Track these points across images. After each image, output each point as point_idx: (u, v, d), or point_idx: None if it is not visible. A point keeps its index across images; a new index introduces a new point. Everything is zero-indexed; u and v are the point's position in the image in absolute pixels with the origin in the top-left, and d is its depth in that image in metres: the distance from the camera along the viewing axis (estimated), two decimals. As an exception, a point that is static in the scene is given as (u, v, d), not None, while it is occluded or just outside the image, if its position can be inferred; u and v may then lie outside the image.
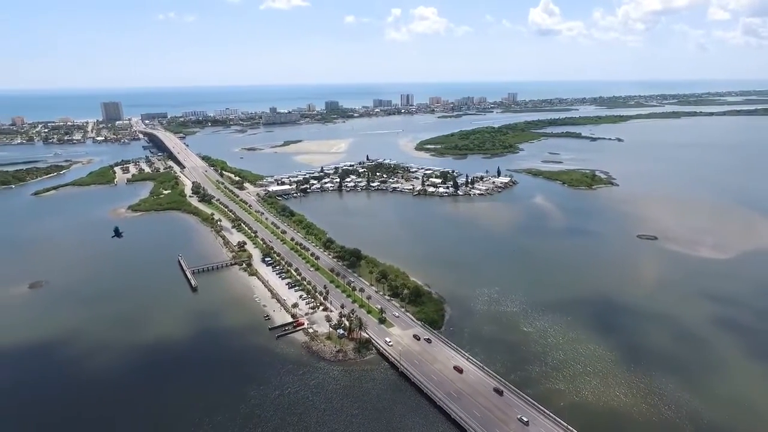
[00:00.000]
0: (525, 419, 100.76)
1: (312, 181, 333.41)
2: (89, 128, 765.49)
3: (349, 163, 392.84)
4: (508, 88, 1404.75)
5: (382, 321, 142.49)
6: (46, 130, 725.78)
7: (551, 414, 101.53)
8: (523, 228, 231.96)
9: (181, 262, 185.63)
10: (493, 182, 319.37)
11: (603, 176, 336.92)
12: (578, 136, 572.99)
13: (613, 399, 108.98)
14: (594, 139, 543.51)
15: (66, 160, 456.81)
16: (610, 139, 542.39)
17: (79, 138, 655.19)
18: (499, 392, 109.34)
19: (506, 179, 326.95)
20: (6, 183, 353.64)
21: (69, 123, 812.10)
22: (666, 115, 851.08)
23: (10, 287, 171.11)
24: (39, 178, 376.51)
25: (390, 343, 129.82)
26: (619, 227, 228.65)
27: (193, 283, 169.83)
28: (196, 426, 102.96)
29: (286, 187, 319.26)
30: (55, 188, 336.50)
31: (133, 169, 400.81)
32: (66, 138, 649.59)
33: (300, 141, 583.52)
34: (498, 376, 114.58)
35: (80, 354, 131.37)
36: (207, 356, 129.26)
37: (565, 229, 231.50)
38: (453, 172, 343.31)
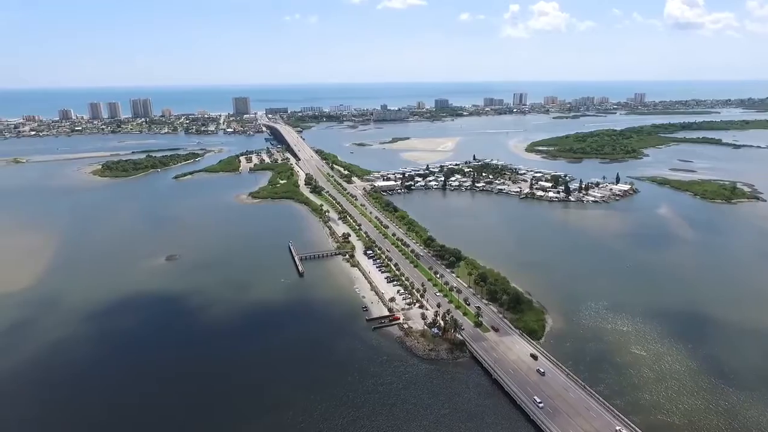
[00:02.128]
0: None
1: (417, 179, 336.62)
2: (221, 120, 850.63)
3: (455, 162, 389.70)
4: (635, 88, 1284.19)
5: (478, 324, 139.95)
6: (187, 122, 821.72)
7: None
8: (641, 241, 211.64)
9: (291, 248, 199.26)
10: (611, 189, 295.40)
11: (746, 189, 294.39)
12: (718, 142, 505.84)
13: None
14: (737, 147, 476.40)
15: (201, 149, 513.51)
16: (758, 146, 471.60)
17: (213, 129, 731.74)
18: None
19: (626, 187, 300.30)
20: (154, 167, 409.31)
21: (206, 115, 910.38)
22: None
23: (151, 259, 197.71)
24: (179, 164, 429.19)
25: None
26: (762, 249, 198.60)
27: (300, 268, 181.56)
28: (289, 399, 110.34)
29: (392, 183, 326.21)
30: (191, 173, 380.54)
31: (255, 159, 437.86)
32: (202, 129, 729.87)
33: (408, 138, 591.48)
34: (600, 397, 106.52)
35: (199, 318, 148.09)
36: (307, 338, 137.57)
37: (692, 246, 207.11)
38: (565, 176, 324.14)
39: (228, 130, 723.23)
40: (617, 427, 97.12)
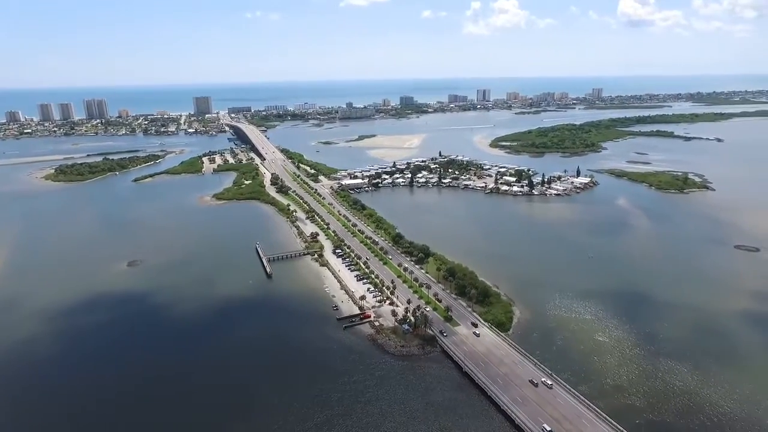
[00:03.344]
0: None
1: (384, 176, 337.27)
2: (182, 121, 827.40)
3: (421, 159, 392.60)
4: (593, 84, 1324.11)
5: (448, 319, 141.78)
6: (146, 122, 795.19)
7: (623, 430, 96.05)
8: (602, 232, 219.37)
9: (258, 249, 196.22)
10: (572, 182, 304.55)
11: (697, 179, 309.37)
12: (670, 135, 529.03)
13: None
14: (688, 139, 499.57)
15: (162, 150, 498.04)
16: (707, 139, 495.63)
17: (173, 130, 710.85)
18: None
19: (586, 180, 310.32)
20: (111, 170, 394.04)
21: (165, 116, 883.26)
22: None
23: (112, 265, 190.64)
24: (139, 166, 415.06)
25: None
26: (714, 236, 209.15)
27: (268, 270, 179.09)
28: (263, 402, 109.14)
29: (359, 181, 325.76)
30: (152, 176, 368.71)
31: (218, 160, 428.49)
32: (162, 129, 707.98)
33: (374, 136, 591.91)
34: (569, 386, 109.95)
35: (165, 323, 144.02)
36: (277, 339, 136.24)
37: (650, 235, 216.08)
38: (528, 170, 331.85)
39: (189, 130, 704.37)
40: (579, 408, 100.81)
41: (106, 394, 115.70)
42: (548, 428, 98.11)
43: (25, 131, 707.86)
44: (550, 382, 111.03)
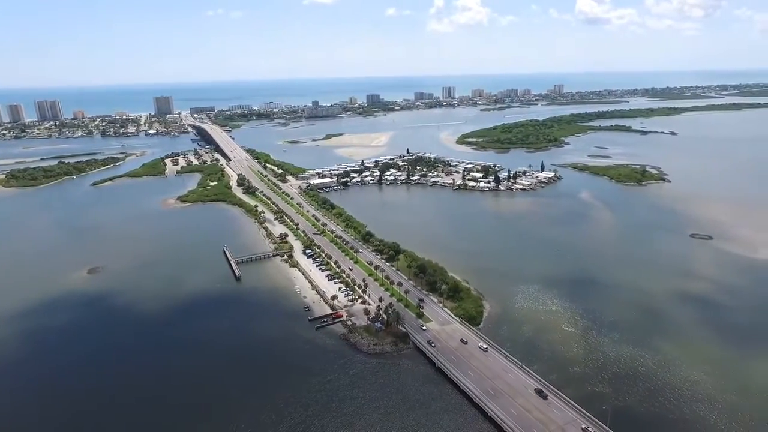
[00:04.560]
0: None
1: (352, 175, 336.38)
2: (142, 122, 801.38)
3: (389, 157, 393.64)
4: (554, 80, 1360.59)
5: (420, 315, 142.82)
6: (103, 124, 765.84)
7: (593, 417, 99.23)
8: (566, 225, 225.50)
9: (226, 252, 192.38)
10: (537, 177, 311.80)
11: (654, 172, 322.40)
12: (628, 129, 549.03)
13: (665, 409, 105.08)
14: (645, 133, 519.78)
15: (121, 153, 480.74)
16: (662, 132, 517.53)
17: (133, 131, 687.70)
18: (541, 394, 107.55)
19: (550, 174, 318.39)
20: (68, 174, 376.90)
21: (124, 117, 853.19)
22: (726, 107, 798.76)
23: (71, 272, 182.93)
24: (97, 170, 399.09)
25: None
26: (671, 226, 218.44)
27: (237, 272, 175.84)
28: (236, 406, 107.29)
29: (327, 180, 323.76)
30: (111, 179, 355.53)
31: (182, 162, 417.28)
32: (121, 131, 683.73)
33: (341, 134, 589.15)
34: (538, 376, 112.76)
35: (130, 331, 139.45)
36: (249, 343, 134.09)
37: (611, 226, 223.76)
38: (495, 166, 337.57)
39: (150, 131, 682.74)
40: (535, 387, 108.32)
41: (62, 400, 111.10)
42: (484, 346, 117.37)
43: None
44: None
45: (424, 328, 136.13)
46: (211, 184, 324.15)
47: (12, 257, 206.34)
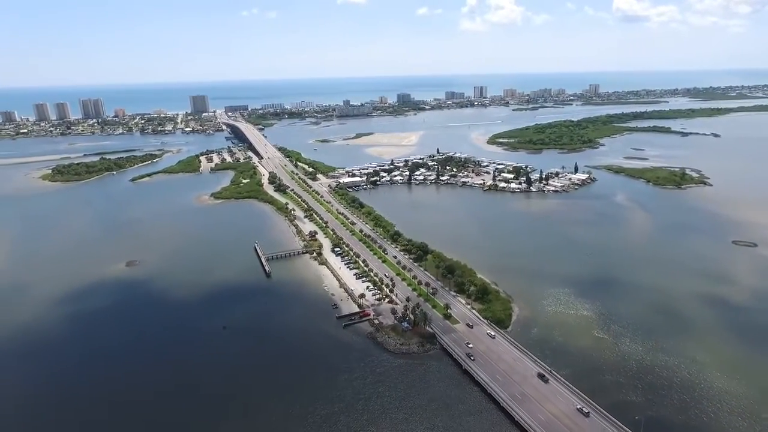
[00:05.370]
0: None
1: (382, 174, 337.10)
2: (179, 119, 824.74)
3: (419, 156, 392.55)
4: (589, 80, 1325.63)
5: (447, 317, 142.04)
6: (142, 122, 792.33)
7: (624, 426, 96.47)
8: (599, 228, 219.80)
9: (257, 248, 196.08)
10: (570, 179, 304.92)
11: (694, 175, 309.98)
12: (667, 130, 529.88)
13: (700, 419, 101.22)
14: (685, 134, 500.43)
15: (159, 150, 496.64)
16: (704, 134, 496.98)
17: (170, 129, 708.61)
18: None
19: (584, 176, 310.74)
20: (109, 169, 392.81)
21: (162, 115, 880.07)
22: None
23: (110, 265, 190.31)
24: (136, 166, 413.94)
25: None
26: (712, 231, 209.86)
27: (267, 269, 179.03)
28: (264, 400, 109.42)
29: (357, 179, 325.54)
30: (149, 175, 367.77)
31: (216, 159, 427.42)
32: (159, 129, 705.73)
33: (371, 133, 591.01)
34: (571, 385, 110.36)
35: (164, 324, 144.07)
36: (277, 337, 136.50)
37: (647, 231, 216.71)
38: (526, 167, 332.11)
39: (186, 129, 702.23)
40: (578, 406, 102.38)
41: (100, 390, 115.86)
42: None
43: (21, 131, 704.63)
44: (547, 377, 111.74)
45: (451, 329, 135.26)
46: (244, 181, 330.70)
47: (57, 248, 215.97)
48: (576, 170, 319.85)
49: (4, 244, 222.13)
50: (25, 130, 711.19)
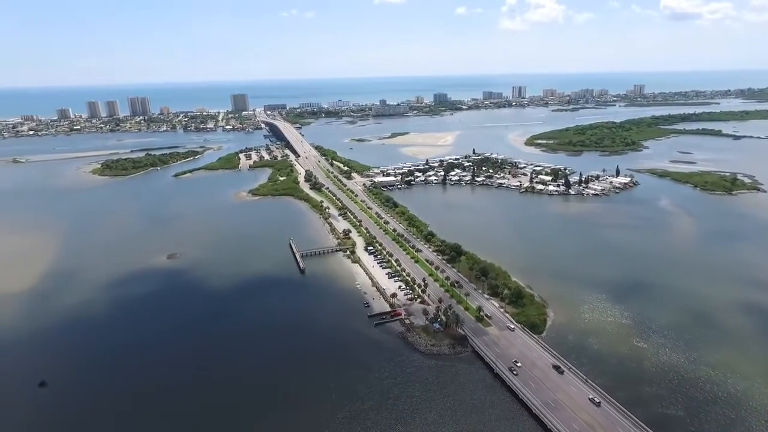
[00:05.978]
0: None
1: (416, 174, 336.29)
2: (220, 118, 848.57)
3: (454, 157, 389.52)
4: (634, 80, 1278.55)
5: (480, 319, 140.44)
6: (186, 119, 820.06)
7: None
8: (641, 233, 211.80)
9: (292, 245, 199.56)
10: (611, 182, 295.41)
11: (747, 180, 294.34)
12: (718, 133, 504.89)
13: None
14: (738, 138, 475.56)
15: (200, 147, 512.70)
16: (759, 137, 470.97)
17: (212, 126, 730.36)
18: (597, 404, 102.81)
19: (626, 179, 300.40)
20: (153, 165, 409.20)
21: (204, 113, 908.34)
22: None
23: (153, 257, 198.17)
24: (179, 162, 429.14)
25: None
26: (763, 240, 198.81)
27: (301, 265, 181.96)
28: (295, 396, 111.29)
29: (391, 178, 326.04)
30: (191, 171, 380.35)
31: (254, 157, 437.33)
32: (201, 126, 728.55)
33: (407, 133, 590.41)
34: (601, 390, 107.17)
35: (203, 319, 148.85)
36: (310, 334, 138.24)
37: (692, 237, 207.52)
38: (565, 169, 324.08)
39: (227, 127, 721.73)
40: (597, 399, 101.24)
41: (137, 378, 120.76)
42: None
43: (75, 128, 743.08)
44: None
45: (483, 331, 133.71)
46: (281, 178, 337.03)
47: (105, 238, 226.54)
48: (617, 173, 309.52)
49: (60, 233, 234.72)
50: (78, 127, 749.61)
